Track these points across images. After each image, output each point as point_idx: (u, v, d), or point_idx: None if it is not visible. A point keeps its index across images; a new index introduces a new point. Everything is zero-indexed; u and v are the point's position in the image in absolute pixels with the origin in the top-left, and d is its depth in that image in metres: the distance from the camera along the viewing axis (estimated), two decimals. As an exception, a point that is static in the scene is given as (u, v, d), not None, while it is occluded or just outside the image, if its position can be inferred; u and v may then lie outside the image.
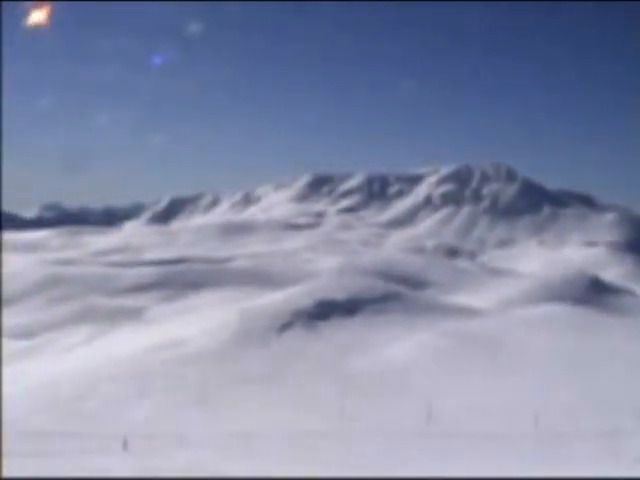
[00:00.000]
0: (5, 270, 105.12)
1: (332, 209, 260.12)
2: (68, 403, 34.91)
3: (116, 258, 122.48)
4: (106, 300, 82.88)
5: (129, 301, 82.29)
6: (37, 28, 13.46)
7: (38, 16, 13.30)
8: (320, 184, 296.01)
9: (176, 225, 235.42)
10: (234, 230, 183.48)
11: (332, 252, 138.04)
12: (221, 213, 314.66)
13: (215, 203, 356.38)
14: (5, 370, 51.73)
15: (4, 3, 15.54)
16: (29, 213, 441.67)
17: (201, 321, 54.51)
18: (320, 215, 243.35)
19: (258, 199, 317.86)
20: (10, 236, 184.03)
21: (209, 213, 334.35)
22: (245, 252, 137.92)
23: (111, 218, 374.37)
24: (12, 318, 79.23)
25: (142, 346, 47.73)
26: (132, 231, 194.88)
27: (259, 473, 18.07)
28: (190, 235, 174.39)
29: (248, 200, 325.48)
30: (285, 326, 51.24)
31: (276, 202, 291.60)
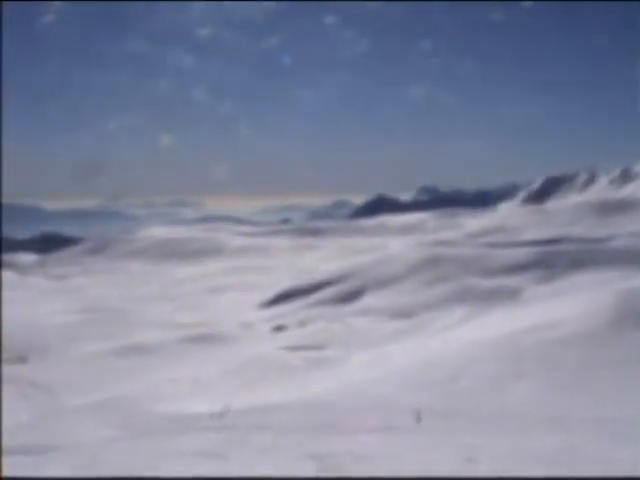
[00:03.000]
0: (384, 252, 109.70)
1: None
2: (441, 382, 35.20)
3: (491, 239, 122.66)
4: (482, 281, 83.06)
5: (505, 282, 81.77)
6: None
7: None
8: None
9: (551, 204, 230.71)
10: (612, 208, 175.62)
11: None
12: (598, 191, 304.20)
13: (591, 181, 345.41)
14: (384, 348, 53.79)
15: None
16: (406, 196, 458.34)
17: (577, 302, 52.42)
18: None
19: (637, 175, 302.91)
20: (387, 219, 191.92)
21: (585, 191, 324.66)
22: (624, 231, 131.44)
23: (484, 199, 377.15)
24: (391, 298, 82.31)
25: (517, 327, 46.95)
26: (507, 212, 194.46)
27: (635, 459, 16.81)
28: (566, 214, 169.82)
29: (626, 176, 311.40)
30: (667, 309, 47.66)
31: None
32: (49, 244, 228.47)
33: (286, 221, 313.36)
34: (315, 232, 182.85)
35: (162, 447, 23.21)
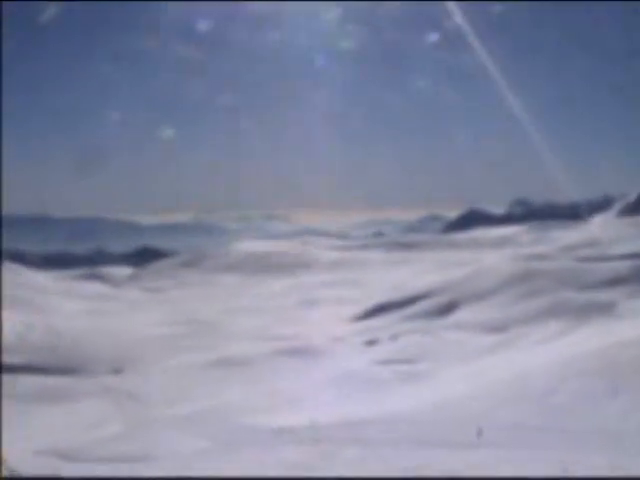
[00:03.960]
0: (476, 266, 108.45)
1: None
2: (536, 397, 34.62)
3: (586, 252, 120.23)
4: (576, 295, 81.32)
5: (599, 296, 79.91)
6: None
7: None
8: None
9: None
10: None
11: None
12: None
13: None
14: (477, 363, 53.17)
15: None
16: (498, 210, 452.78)
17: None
18: None
19: None
20: (480, 233, 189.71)
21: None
22: None
23: (578, 212, 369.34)
24: (483, 313, 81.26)
25: (613, 342, 45.86)
26: (601, 225, 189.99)
27: None
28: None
29: None
30: None
31: None
32: (144, 257, 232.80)
33: (379, 235, 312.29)
34: (408, 246, 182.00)
35: (253, 459, 23.44)
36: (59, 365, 72.43)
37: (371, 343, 73.56)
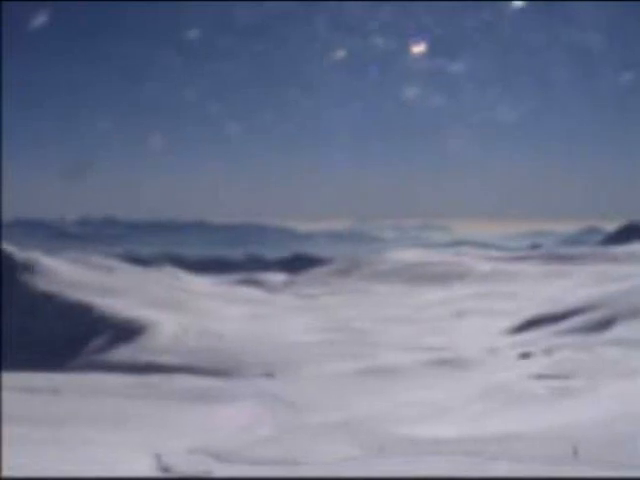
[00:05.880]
0: (635, 281, 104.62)
1: None
2: None
3: None
4: None
5: None
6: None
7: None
8: None
9: None
10: None
11: None
12: None
13: None
14: (633, 382, 51.21)
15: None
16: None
17: None
18: None
19: None
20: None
21: None
22: None
23: None
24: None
25: None
26: None
27: None
28: None
29: None
30: None
31: None
32: (299, 264, 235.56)
33: (536, 247, 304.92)
34: (565, 258, 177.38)
35: (402, 468, 23.43)
36: (214, 367, 74.65)
37: (524, 356, 72.21)
